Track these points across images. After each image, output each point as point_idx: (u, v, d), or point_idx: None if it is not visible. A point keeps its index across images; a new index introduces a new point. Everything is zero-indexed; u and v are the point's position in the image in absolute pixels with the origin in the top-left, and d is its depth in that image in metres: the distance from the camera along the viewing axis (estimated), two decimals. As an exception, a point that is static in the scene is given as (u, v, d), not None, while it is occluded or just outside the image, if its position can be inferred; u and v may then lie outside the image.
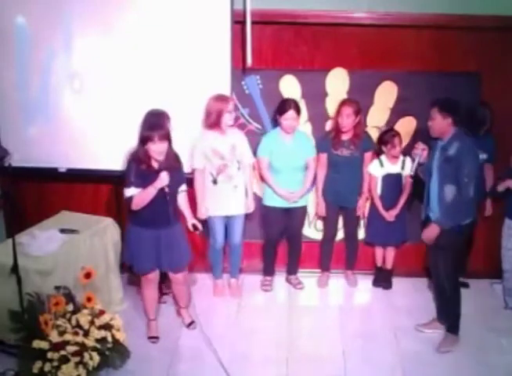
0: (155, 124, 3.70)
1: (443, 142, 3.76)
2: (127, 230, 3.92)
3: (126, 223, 3.98)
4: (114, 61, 4.35)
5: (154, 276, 3.97)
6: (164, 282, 4.31)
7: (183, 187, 3.95)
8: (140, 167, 3.69)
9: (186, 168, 4.11)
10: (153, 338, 4.09)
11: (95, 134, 4.45)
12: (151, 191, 3.68)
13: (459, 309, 3.98)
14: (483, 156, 4.46)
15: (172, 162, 3.78)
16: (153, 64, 4.32)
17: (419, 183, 4.17)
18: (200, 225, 3.99)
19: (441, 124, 3.72)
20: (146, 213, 3.74)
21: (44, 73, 4.43)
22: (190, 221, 3.98)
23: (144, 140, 3.65)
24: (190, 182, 4.25)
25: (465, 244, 4.50)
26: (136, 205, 3.71)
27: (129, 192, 3.70)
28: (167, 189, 3.72)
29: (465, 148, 3.69)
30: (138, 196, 3.69)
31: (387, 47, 4.47)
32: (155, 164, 3.73)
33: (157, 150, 3.65)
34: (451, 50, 4.46)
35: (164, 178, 3.67)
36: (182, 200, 3.96)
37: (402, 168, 4.55)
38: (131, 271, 4.17)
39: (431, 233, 3.83)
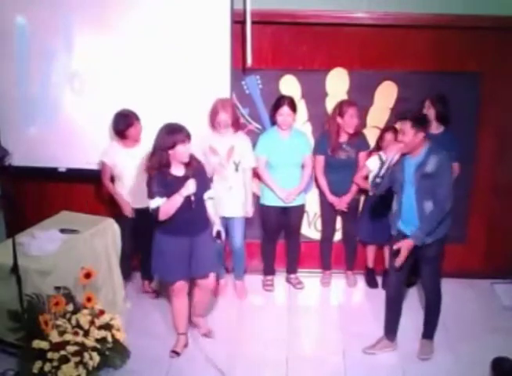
0: (175, 127, 3.60)
1: (419, 159, 3.57)
2: (155, 240, 3.77)
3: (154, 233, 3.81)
4: (114, 61, 4.35)
5: (184, 285, 3.85)
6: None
7: (210, 193, 3.81)
8: (162, 175, 3.58)
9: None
10: (175, 353, 3.93)
11: (95, 134, 4.45)
12: (177, 199, 3.56)
13: (439, 315, 3.92)
14: None
15: (196, 168, 3.68)
16: (153, 64, 4.32)
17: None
18: (223, 235, 3.87)
19: (413, 140, 3.51)
20: (175, 221, 3.62)
21: (44, 73, 4.43)
22: (216, 228, 3.82)
23: (170, 145, 3.52)
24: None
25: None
26: (163, 215, 3.58)
27: (154, 203, 3.56)
28: (193, 198, 3.61)
29: (443, 162, 3.55)
30: (164, 206, 3.56)
31: (387, 47, 4.47)
32: (179, 172, 3.64)
33: (187, 151, 3.57)
34: (451, 50, 4.45)
35: (190, 186, 3.57)
36: (209, 207, 3.81)
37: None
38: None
39: (408, 248, 3.60)
